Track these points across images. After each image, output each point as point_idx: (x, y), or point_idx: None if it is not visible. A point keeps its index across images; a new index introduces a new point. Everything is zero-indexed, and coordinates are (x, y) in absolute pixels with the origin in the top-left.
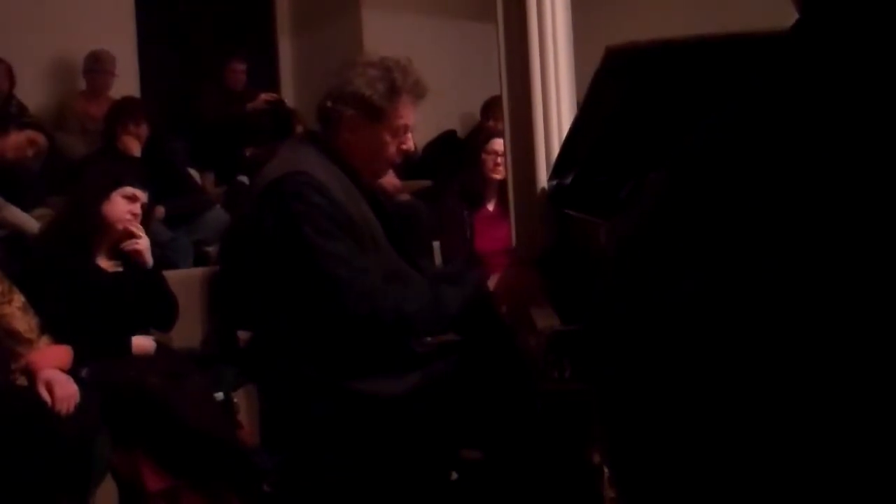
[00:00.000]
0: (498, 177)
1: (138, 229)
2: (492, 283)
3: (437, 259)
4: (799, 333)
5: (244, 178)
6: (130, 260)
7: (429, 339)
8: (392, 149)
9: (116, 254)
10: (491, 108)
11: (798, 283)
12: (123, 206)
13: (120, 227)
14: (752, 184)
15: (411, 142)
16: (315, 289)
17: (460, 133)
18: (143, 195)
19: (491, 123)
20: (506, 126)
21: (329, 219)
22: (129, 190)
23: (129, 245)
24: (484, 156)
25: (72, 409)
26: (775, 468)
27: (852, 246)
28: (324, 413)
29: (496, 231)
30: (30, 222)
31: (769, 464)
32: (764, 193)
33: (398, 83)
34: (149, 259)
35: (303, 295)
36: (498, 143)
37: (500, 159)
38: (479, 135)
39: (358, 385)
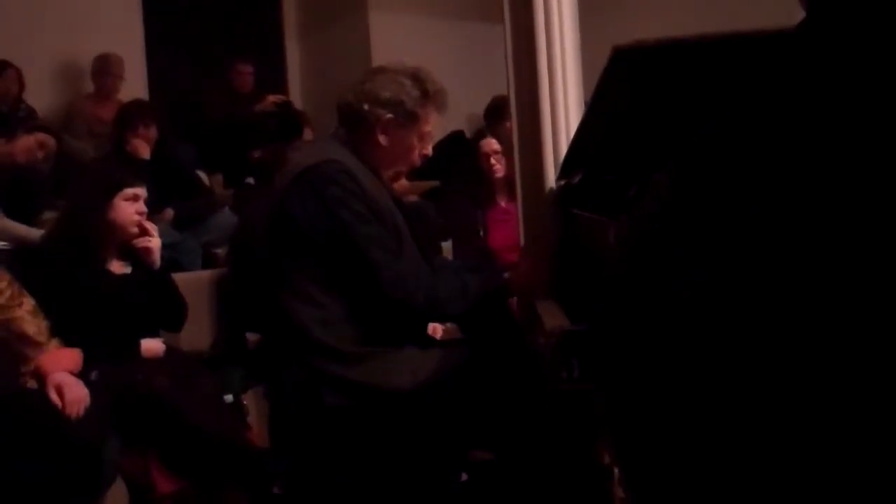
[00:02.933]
0: (499, 175)
1: (151, 227)
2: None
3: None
4: (800, 333)
5: (252, 181)
6: (139, 261)
7: (436, 339)
8: (416, 153)
9: (126, 254)
10: (492, 112)
11: (800, 284)
12: (129, 208)
13: (132, 229)
14: (755, 184)
15: (430, 147)
16: (350, 270)
17: (467, 133)
18: (142, 191)
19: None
20: (514, 126)
21: (363, 203)
22: (128, 192)
23: (141, 241)
24: (482, 159)
25: (82, 412)
26: (782, 467)
27: (856, 246)
28: (334, 412)
29: (509, 226)
30: (31, 234)
31: (776, 462)
32: (768, 193)
33: (429, 90)
34: (157, 260)
35: (336, 276)
36: (488, 144)
37: (494, 158)
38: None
39: (369, 379)
